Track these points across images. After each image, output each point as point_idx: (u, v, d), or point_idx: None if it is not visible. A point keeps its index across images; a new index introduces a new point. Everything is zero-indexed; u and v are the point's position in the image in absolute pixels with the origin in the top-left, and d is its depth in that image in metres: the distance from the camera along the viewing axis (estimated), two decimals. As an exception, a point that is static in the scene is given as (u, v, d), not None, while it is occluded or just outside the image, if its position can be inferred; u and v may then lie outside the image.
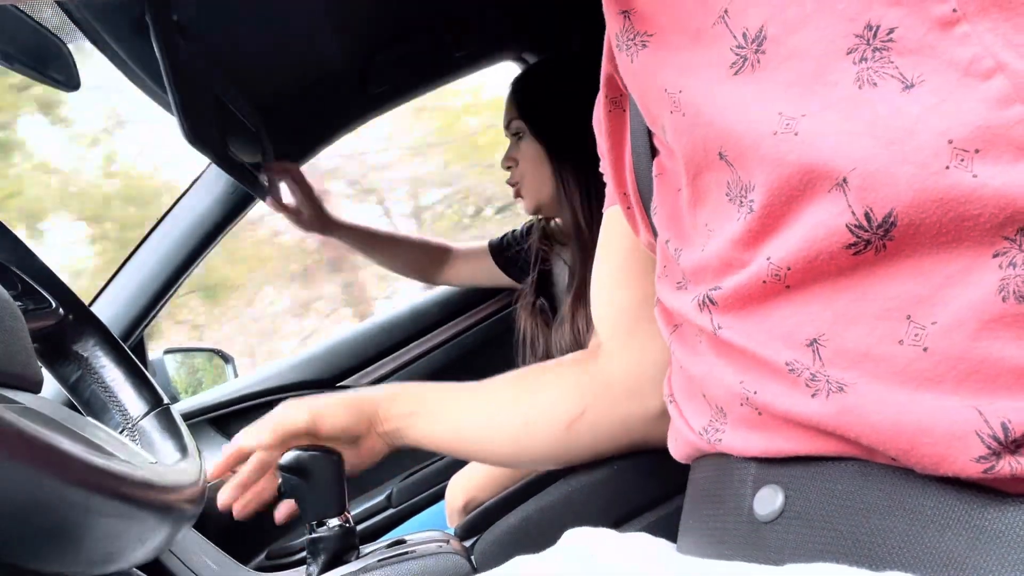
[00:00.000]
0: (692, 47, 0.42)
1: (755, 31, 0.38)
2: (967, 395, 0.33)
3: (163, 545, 0.44)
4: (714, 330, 0.42)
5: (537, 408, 0.68)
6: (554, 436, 0.68)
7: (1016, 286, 0.32)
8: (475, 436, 0.71)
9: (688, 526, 0.47)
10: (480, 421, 0.71)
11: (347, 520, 0.70)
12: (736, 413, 0.41)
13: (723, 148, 0.40)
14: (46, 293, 0.59)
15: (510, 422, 0.69)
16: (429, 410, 0.73)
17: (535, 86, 1.16)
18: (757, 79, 0.38)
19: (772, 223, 0.38)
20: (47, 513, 0.33)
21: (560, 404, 0.68)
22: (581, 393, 0.67)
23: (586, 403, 0.67)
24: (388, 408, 0.73)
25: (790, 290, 0.38)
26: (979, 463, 0.31)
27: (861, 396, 0.35)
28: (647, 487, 0.75)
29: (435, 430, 0.72)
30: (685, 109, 0.42)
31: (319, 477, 0.69)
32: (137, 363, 0.63)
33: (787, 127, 0.37)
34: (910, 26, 0.34)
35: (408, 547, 0.70)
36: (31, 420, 0.32)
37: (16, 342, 0.42)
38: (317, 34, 0.98)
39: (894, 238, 0.34)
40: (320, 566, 0.69)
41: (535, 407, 0.68)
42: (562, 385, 0.68)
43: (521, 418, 0.68)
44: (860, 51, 0.35)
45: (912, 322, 0.34)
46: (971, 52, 0.33)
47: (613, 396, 0.66)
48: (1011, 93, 0.32)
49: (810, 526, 0.37)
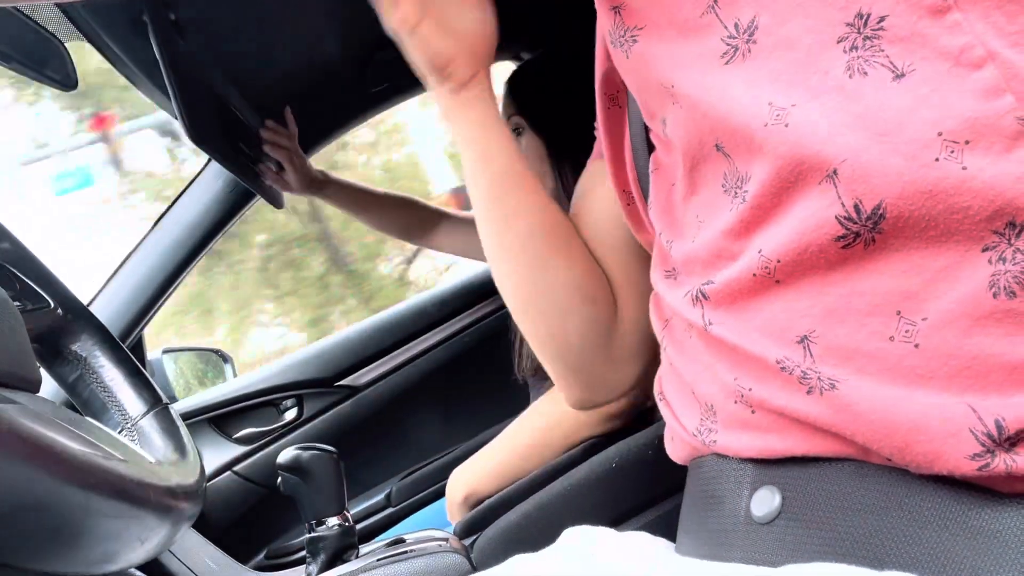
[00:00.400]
0: (682, 38, 0.42)
1: (747, 21, 0.38)
2: (959, 392, 0.33)
3: (163, 545, 0.44)
4: (705, 326, 0.42)
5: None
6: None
7: (1006, 282, 0.32)
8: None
9: (686, 527, 0.47)
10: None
11: (346, 519, 0.70)
12: (727, 411, 0.41)
13: (719, 140, 0.40)
14: (44, 293, 0.59)
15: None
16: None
17: (533, 81, 1.16)
18: (747, 69, 0.38)
19: (763, 214, 0.38)
20: (46, 513, 0.33)
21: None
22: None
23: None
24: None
25: (780, 285, 0.38)
26: (973, 460, 0.31)
27: (853, 393, 0.35)
28: (646, 485, 0.75)
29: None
30: (681, 101, 0.42)
31: (318, 476, 0.69)
32: (136, 363, 0.63)
33: (777, 118, 0.37)
34: (901, 14, 0.34)
35: (407, 546, 0.70)
36: (30, 420, 0.32)
37: (15, 342, 0.42)
38: (316, 33, 0.98)
39: (883, 231, 0.34)
40: (319, 565, 0.69)
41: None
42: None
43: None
44: (851, 40, 0.35)
45: (902, 318, 0.34)
46: (962, 41, 0.33)
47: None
48: (1001, 83, 0.32)
49: (807, 527, 0.37)
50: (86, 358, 0.60)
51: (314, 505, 0.69)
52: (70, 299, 0.61)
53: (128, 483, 0.38)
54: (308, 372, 1.39)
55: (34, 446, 0.32)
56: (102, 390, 0.60)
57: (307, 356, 1.42)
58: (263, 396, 1.36)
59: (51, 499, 0.33)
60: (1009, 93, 0.32)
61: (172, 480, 0.44)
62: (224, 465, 1.30)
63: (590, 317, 0.59)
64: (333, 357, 1.42)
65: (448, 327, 1.48)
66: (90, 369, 0.60)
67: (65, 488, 0.33)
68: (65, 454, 0.33)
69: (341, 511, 0.70)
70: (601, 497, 0.75)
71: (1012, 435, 0.31)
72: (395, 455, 1.43)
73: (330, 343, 1.45)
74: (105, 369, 0.60)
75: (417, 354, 1.45)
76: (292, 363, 1.41)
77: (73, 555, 0.37)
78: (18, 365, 0.42)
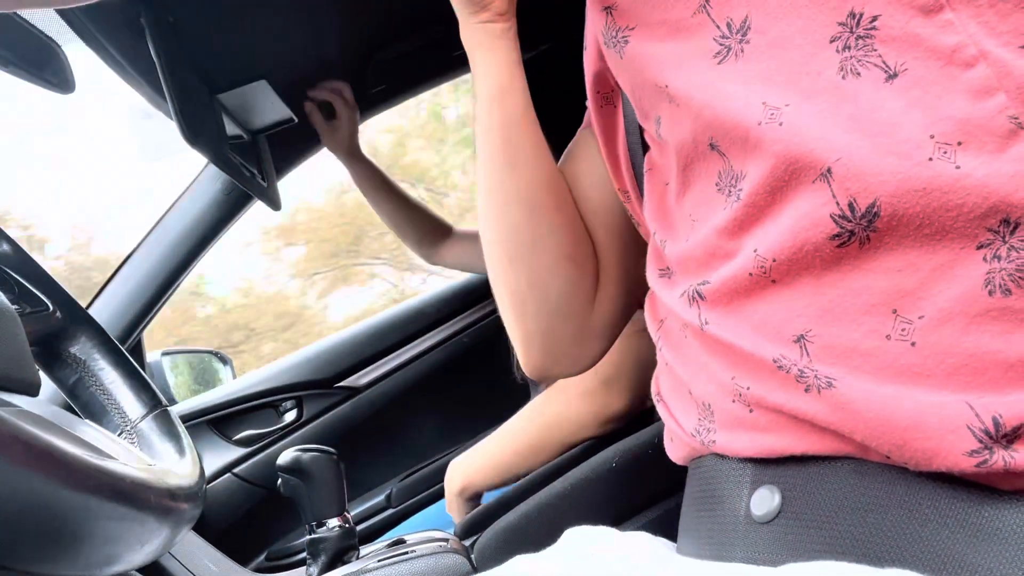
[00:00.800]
0: (674, 38, 0.42)
1: (740, 21, 0.38)
2: (956, 389, 0.33)
3: (163, 547, 0.44)
4: (701, 325, 0.42)
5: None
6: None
7: (1002, 279, 0.32)
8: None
9: (687, 527, 0.47)
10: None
11: (347, 520, 0.70)
12: (725, 411, 0.41)
13: (714, 138, 0.40)
14: (43, 296, 0.59)
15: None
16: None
17: (534, 79, 1.15)
18: (741, 69, 0.39)
19: (758, 212, 0.38)
20: (46, 517, 0.33)
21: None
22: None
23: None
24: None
25: (776, 284, 0.38)
26: (972, 457, 0.31)
27: (850, 391, 0.35)
28: (647, 485, 0.75)
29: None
30: (675, 101, 0.42)
31: (318, 478, 0.69)
32: (135, 365, 0.63)
33: (771, 117, 0.37)
34: (893, 14, 0.34)
35: (408, 547, 0.70)
36: (29, 423, 0.32)
37: (13, 345, 0.42)
38: (315, 33, 0.98)
39: (878, 229, 0.34)
40: (320, 566, 0.69)
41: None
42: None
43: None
44: (844, 39, 0.35)
45: (898, 316, 0.34)
46: (954, 40, 0.33)
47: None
48: (993, 82, 0.32)
49: (807, 526, 0.37)
50: (85, 361, 0.60)
51: (314, 506, 0.69)
52: (69, 302, 0.61)
53: (128, 486, 0.38)
54: (307, 373, 1.39)
55: (33, 449, 0.32)
56: (101, 393, 0.60)
57: (306, 357, 1.42)
58: (262, 398, 1.36)
59: (50, 502, 0.33)
60: (1001, 92, 0.32)
61: (172, 482, 0.44)
62: (224, 467, 1.30)
63: (573, 280, 0.59)
64: (332, 358, 1.42)
65: (447, 328, 1.49)
66: (89, 372, 0.60)
67: (64, 491, 0.33)
68: (64, 457, 0.33)
69: (341, 512, 0.70)
70: (601, 497, 0.75)
71: (1009, 431, 0.31)
72: (395, 456, 1.43)
73: (329, 344, 1.45)
74: (104, 372, 0.60)
75: (416, 355, 1.45)
76: (291, 364, 1.41)
77: (73, 558, 0.37)
78: (17, 368, 0.42)
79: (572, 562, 0.44)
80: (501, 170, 0.57)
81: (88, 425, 0.54)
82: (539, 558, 0.45)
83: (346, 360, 1.42)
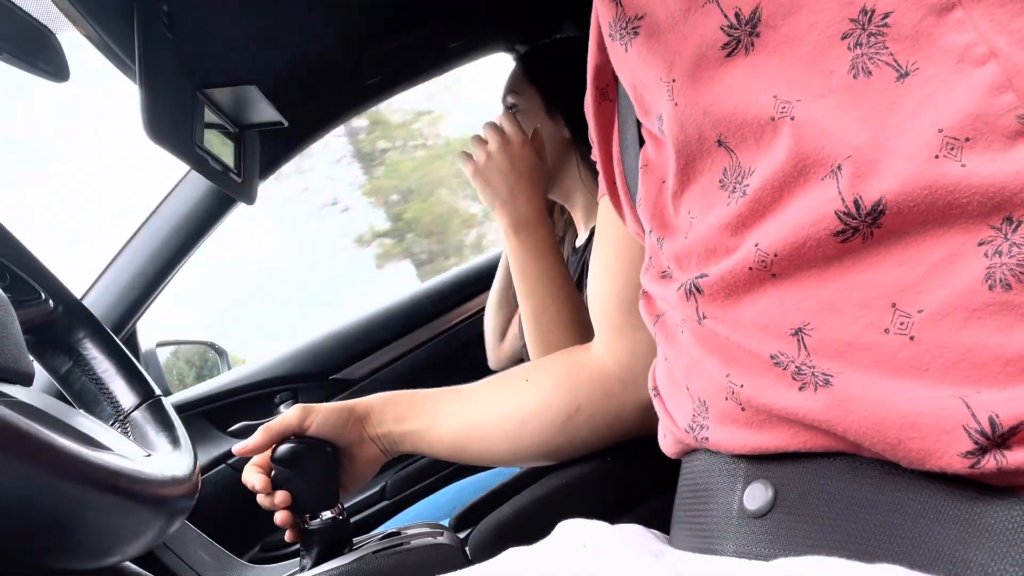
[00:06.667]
0: (682, 27, 0.42)
1: (748, 12, 0.38)
2: (953, 385, 0.33)
3: (157, 538, 0.44)
4: (698, 320, 0.42)
5: (533, 405, 0.68)
6: (552, 432, 0.68)
7: (1002, 274, 0.32)
8: (472, 437, 0.71)
9: (680, 520, 0.47)
10: (476, 422, 0.70)
11: (341, 512, 0.70)
12: (719, 408, 0.41)
13: (723, 135, 0.40)
14: (36, 285, 0.59)
15: (507, 421, 0.69)
16: (424, 414, 0.72)
17: (554, 63, 1.13)
18: (752, 63, 0.38)
19: (762, 209, 0.38)
20: (39, 507, 0.33)
21: (556, 400, 0.67)
22: (576, 387, 0.67)
23: (581, 398, 0.67)
24: (381, 412, 0.73)
25: (776, 278, 0.38)
26: (966, 458, 0.31)
27: (847, 388, 0.35)
28: (641, 478, 0.76)
29: (431, 434, 0.71)
30: (681, 96, 0.42)
31: (312, 469, 0.69)
32: (128, 355, 0.62)
33: (783, 112, 0.37)
34: (905, 11, 0.34)
35: (402, 538, 0.70)
36: (22, 414, 0.32)
37: (7, 335, 0.42)
38: (310, 25, 0.97)
39: (882, 226, 0.34)
40: (314, 558, 0.69)
41: (531, 405, 0.68)
42: (557, 381, 0.68)
43: (518, 417, 0.68)
44: (855, 36, 0.35)
45: (897, 310, 0.34)
46: (966, 38, 0.33)
47: (608, 387, 0.66)
48: (1004, 80, 0.32)
49: (800, 521, 0.37)
50: (78, 350, 0.60)
51: (308, 498, 0.69)
52: (62, 292, 0.61)
53: (121, 476, 0.38)
54: (303, 366, 1.39)
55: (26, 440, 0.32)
56: (94, 382, 0.60)
57: (301, 349, 1.42)
58: (258, 389, 1.36)
59: (44, 493, 0.33)
60: (1011, 91, 0.32)
61: (166, 473, 0.44)
62: (218, 458, 1.30)
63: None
64: (328, 351, 1.42)
65: (443, 321, 1.48)
66: (82, 361, 0.60)
67: (57, 482, 0.33)
68: (57, 448, 0.33)
69: (335, 504, 0.70)
70: (595, 491, 0.75)
71: (1006, 432, 0.31)
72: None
73: (324, 336, 1.45)
74: (97, 361, 0.60)
75: (412, 348, 1.45)
76: (286, 356, 1.41)
77: (66, 549, 0.36)
78: (10, 358, 0.42)
79: (565, 555, 0.44)
80: (470, 456, 0.72)
81: (82, 415, 0.54)
82: (533, 550, 0.45)
83: (342, 352, 1.42)
